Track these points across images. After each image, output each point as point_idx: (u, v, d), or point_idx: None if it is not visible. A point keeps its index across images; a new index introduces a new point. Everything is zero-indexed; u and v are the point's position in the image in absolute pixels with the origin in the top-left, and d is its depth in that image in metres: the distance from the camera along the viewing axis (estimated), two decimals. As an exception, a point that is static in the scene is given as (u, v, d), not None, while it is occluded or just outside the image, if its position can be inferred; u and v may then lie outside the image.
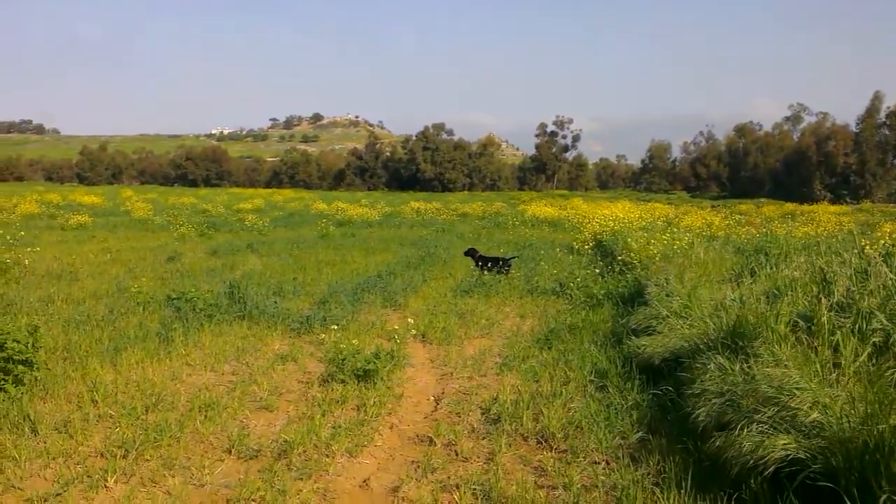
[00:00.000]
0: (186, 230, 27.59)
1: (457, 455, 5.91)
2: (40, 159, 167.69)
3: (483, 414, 6.90)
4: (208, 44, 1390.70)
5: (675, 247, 13.39)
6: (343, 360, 7.75)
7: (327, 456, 5.88)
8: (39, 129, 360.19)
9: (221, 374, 8.34)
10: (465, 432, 6.41)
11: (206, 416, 6.68)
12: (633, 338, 8.34)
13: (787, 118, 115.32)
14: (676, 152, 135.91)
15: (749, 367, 5.41)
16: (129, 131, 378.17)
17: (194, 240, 26.08)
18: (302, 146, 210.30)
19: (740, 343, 6.11)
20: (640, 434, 5.99)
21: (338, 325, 10.63)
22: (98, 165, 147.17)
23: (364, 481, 5.55)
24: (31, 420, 6.43)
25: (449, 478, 5.46)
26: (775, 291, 8.51)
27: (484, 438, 6.27)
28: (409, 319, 9.20)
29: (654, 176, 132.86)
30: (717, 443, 4.88)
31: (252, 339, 9.87)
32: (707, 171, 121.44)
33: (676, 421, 6.08)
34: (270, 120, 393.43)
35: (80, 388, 7.38)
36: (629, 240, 16.31)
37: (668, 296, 9.03)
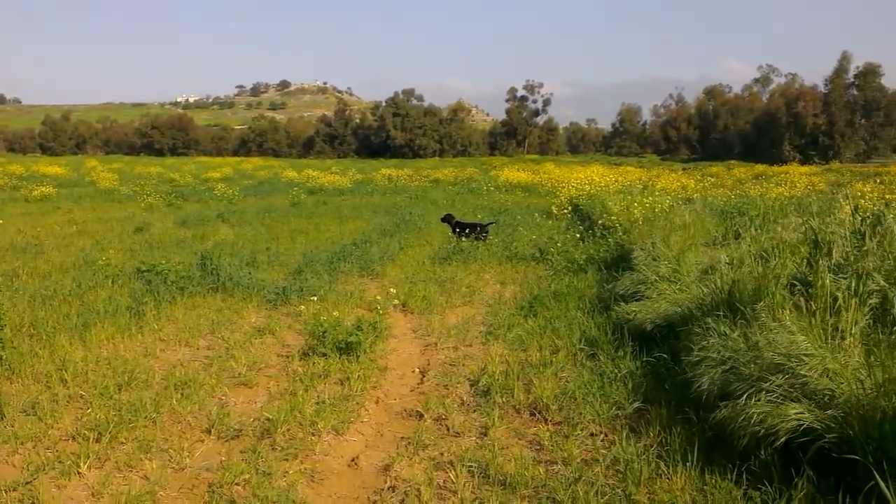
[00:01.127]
0: (154, 200, 27.04)
1: (448, 430, 5.66)
2: (1, 129, 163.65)
3: (472, 386, 6.66)
4: (171, 8, 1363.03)
5: (656, 210, 13.21)
6: (324, 332, 7.44)
7: (313, 434, 5.60)
8: (0, 99, 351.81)
9: (196, 348, 8.02)
10: (455, 406, 6.17)
11: (182, 395, 6.37)
12: (622, 304, 8.12)
13: (757, 80, 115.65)
14: (647, 116, 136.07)
15: (752, 333, 5.19)
16: (92, 100, 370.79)
17: (162, 210, 25.55)
18: (270, 113, 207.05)
19: (738, 307, 5.90)
20: (637, 404, 5.77)
21: (315, 296, 10.34)
22: (61, 135, 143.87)
23: (353, 460, 5.29)
24: (-4, 402, 6.09)
25: (442, 454, 5.21)
26: (763, 254, 8.35)
27: (475, 412, 6.03)
28: (391, 289, 8.92)
29: (625, 140, 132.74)
30: (723, 413, 4.68)
31: (227, 312, 9.54)
32: (677, 133, 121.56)
33: (675, 389, 5.87)
34: (237, 87, 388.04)
35: (49, 366, 7.01)
36: (609, 203, 16.13)
37: (654, 260, 8.83)
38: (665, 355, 6.45)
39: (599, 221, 14.46)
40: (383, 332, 7.94)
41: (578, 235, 14.17)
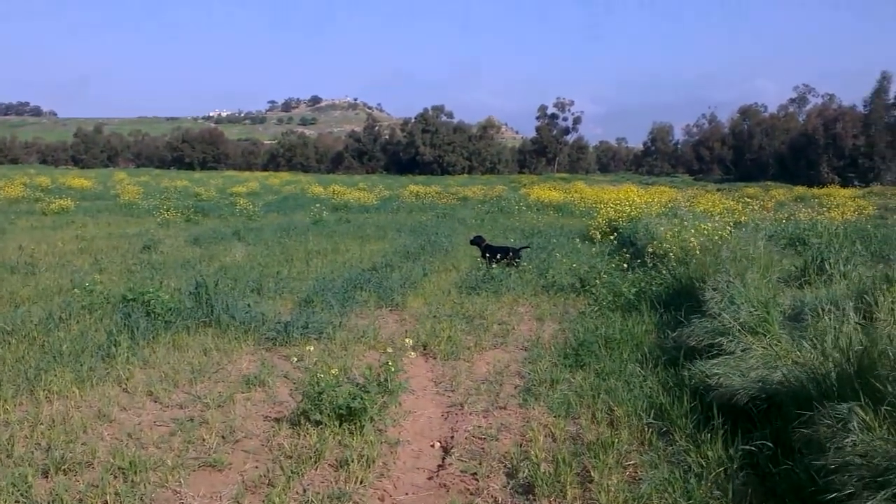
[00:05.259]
0: (171, 215, 25.83)
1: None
2: (35, 142, 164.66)
3: (509, 477, 5.05)
4: (207, 26, 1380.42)
5: (715, 237, 11.54)
6: (320, 393, 5.88)
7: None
8: (36, 112, 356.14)
9: (165, 406, 6.49)
10: (487, 510, 4.59)
11: (125, 481, 4.84)
12: (696, 360, 6.46)
13: (793, 100, 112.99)
14: (679, 135, 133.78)
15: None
16: (126, 114, 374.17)
17: (179, 226, 24.33)
18: (300, 129, 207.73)
19: (877, 387, 4.26)
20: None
21: (322, 333, 8.84)
22: (93, 148, 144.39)
23: None
24: None
25: None
26: (864, 297, 6.73)
27: (514, 522, 4.44)
28: (407, 340, 7.32)
29: (657, 159, 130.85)
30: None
31: (215, 354, 8.04)
32: (710, 153, 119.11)
33: (792, 498, 4.24)
34: (269, 102, 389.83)
35: (-31, 433, 5.55)
36: (656, 227, 14.48)
37: (731, 303, 7.17)
38: (770, 444, 4.80)
39: (649, 249, 12.80)
40: (396, 391, 6.35)
41: (625, 264, 12.52)
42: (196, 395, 6.76)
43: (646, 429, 5.60)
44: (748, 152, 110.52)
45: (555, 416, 6.12)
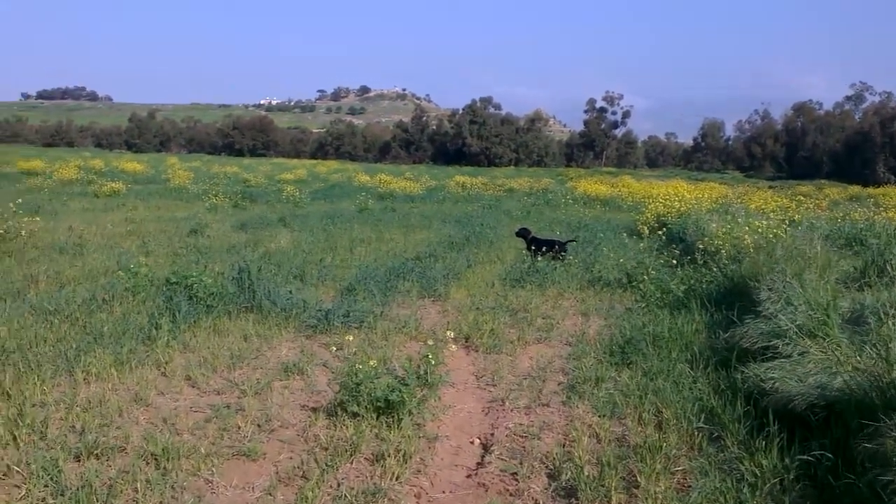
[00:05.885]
0: (219, 200, 25.94)
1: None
2: (90, 126, 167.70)
3: (551, 478, 4.85)
4: (260, 14, 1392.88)
5: (769, 236, 11.15)
6: (358, 384, 5.74)
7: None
8: (93, 97, 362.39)
9: (203, 391, 6.42)
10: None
11: (157, 468, 4.76)
12: (750, 363, 6.16)
13: (849, 98, 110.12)
14: (730, 131, 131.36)
15: None
16: (180, 100, 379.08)
17: (226, 211, 24.44)
18: (348, 118, 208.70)
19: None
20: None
21: (363, 322, 8.71)
22: (146, 133, 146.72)
23: None
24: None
25: None
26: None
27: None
28: (449, 333, 7.11)
29: (707, 155, 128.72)
30: None
31: (255, 340, 7.96)
32: (762, 150, 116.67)
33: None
34: (318, 91, 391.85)
35: (7, 411, 5.51)
36: (707, 224, 14.10)
37: (788, 304, 6.86)
38: (829, 454, 4.52)
39: (699, 245, 12.42)
40: (435, 384, 6.17)
41: (674, 260, 12.16)
42: (234, 381, 6.68)
43: (695, 433, 5.33)
44: (801, 150, 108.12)
45: (599, 416, 5.89)
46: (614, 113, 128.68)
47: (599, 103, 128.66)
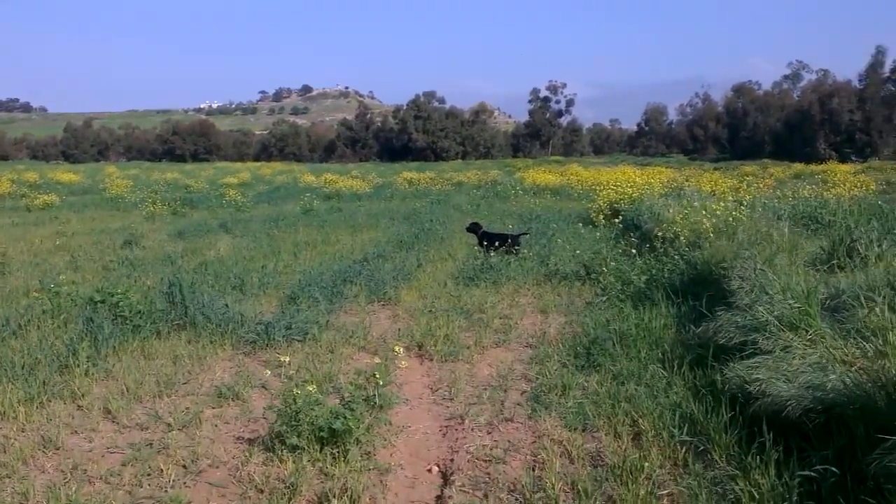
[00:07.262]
0: (157, 208, 24.90)
1: None
2: (24, 137, 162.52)
3: (521, 512, 4.26)
4: (197, 17, 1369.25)
5: (729, 219, 10.72)
6: (297, 412, 5.05)
7: None
8: (26, 108, 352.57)
9: (123, 427, 5.66)
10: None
11: (59, 533, 4.05)
12: (728, 361, 5.62)
13: (787, 77, 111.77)
14: (673, 115, 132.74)
15: None
16: (117, 108, 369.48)
17: (165, 219, 23.48)
18: (292, 118, 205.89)
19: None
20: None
21: (305, 336, 8.02)
22: (83, 142, 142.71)
23: None
24: None
25: None
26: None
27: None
28: (397, 348, 6.41)
29: (651, 140, 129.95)
30: None
31: (186, 362, 7.22)
32: (705, 133, 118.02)
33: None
34: (259, 93, 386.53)
35: None
36: (662, 210, 13.66)
37: (764, 293, 6.35)
38: (835, 469, 3.95)
39: (658, 233, 11.94)
40: (386, 407, 5.52)
41: (633, 249, 11.67)
42: (160, 412, 5.93)
43: (678, 447, 4.76)
44: (743, 130, 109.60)
45: (570, 430, 5.30)
46: (558, 102, 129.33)
47: (543, 93, 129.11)
